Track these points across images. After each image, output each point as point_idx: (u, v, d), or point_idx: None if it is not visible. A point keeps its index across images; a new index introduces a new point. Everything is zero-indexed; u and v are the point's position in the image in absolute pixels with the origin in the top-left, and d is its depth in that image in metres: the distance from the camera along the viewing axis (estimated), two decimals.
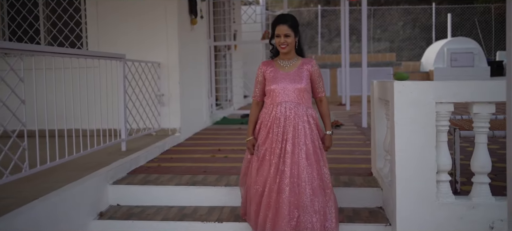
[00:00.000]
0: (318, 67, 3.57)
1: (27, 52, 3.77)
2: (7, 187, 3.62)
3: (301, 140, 3.40)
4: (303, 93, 3.46)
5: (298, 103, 3.44)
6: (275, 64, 3.54)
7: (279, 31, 3.41)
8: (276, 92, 3.46)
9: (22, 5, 7.12)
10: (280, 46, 3.42)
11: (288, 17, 3.46)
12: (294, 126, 3.41)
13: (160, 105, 6.81)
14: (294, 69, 3.48)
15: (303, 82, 3.45)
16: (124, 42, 6.62)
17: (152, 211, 4.23)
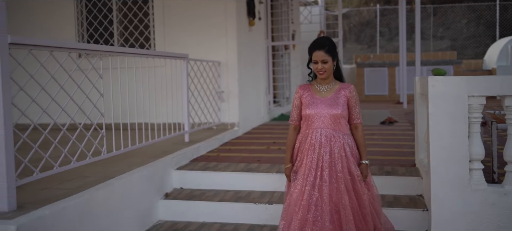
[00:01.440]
0: (356, 93, 3.40)
1: (105, 53, 4.40)
2: (89, 167, 4.25)
3: (338, 167, 3.26)
4: (339, 119, 3.30)
5: (334, 130, 3.29)
6: (312, 88, 3.39)
7: (317, 57, 3.26)
8: (312, 118, 3.32)
9: (98, 11, 7.90)
10: (318, 72, 3.28)
11: (325, 42, 3.29)
12: (330, 153, 3.26)
13: (220, 101, 7.36)
14: (331, 94, 3.33)
15: (340, 108, 3.29)
16: (188, 43, 7.22)
17: (210, 194, 4.75)
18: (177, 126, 6.00)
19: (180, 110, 6.15)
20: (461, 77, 3.74)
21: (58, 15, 7.87)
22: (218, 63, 7.29)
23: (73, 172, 4.13)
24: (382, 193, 4.54)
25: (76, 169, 4.03)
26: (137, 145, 4.89)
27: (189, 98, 6.16)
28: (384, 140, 6.65)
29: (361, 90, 14.56)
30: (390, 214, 4.19)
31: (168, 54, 5.88)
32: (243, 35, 7.70)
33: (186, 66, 6.07)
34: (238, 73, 7.36)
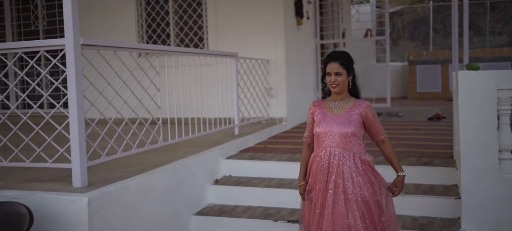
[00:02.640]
0: (372, 110, 3.20)
1: (161, 52, 4.91)
2: (147, 154, 4.77)
3: (349, 189, 3.10)
4: (350, 138, 3.13)
5: (344, 149, 3.13)
6: (325, 104, 3.26)
7: (330, 69, 3.14)
8: (321, 137, 3.18)
9: (156, 13, 8.50)
10: (331, 85, 3.15)
11: (341, 54, 3.18)
12: (337, 173, 3.12)
13: (269, 97, 7.76)
14: (343, 112, 3.17)
15: (351, 126, 3.12)
16: (238, 42, 7.66)
17: (256, 181, 5.16)
18: (228, 120, 6.45)
19: (230, 105, 6.61)
20: (490, 71, 3.95)
21: (121, 18, 8.52)
22: (266, 61, 7.69)
23: (134, 158, 4.65)
24: (418, 182, 4.82)
25: (136, 155, 4.54)
26: (190, 136, 5.37)
27: (238, 94, 6.60)
28: (427, 135, 6.82)
29: (413, 87, 14.52)
30: (424, 202, 4.45)
31: (219, 53, 6.34)
32: (291, 34, 8.06)
33: (235, 64, 6.50)
34: (286, 71, 7.73)
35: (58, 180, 3.85)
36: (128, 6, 8.50)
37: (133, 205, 3.85)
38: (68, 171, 3.73)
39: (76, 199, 3.40)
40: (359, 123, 3.16)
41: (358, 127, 3.16)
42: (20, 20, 9.57)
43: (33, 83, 3.87)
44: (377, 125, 3.22)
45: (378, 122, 3.23)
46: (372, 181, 3.16)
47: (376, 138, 3.25)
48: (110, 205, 3.60)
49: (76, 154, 3.59)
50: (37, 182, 3.83)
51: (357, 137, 3.16)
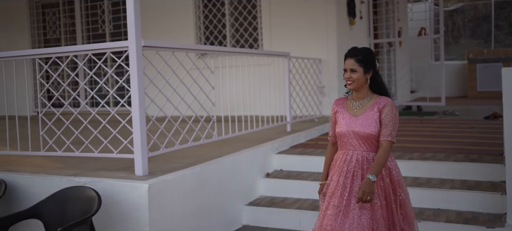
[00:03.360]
0: (392, 109, 3.02)
1: (216, 52, 5.24)
2: (202, 148, 5.11)
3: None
4: (371, 140, 3.01)
5: (366, 151, 3.03)
6: (346, 104, 3.17)
7: (346, 65, 3.07)
8: (342, 138, 3.10)
9: (213, 16, 8.89)
10: (347, 81, 3.08)
11: (358, 51, 3.07)
12: (362, 177, 3.00)
13: (321, 95, 7.95)
14: (364, 112, 3.04)
15: (372, 127, 2.99)
16: (291, 42, 7.90)
17: (305, 175, 5.39)
18: (280, 118, 6.72)
19: (283, 103, 6.87)
20: None
21: (181, 21, 8.99)
22: (319, 60, 7.89)
23: (190, 151, 5.00)
24: (465, 178, 4.88)
25: (192, 148, 4.90)
26: (243, 132, 5.68)
27: (291, 92, 6.84)
28: (481, 133, 6.79)
29: (473, 86, 14.18)
30: (469, 197, 4.52)
31: (271, 53, 6.62)
32: (343, 33, 8.21)
33: (287, 64, 6.75)
34: (338, 70, 7.89)
35: (122, 169, 4.26)
36: (187, 9, 8.95)
37: (189, 193, 4.20)
38: (131, 161, 4.12)
39: (138, 186, 3.77)
40: (380, 121, 3.01)
41: (379, 127, 3.01)
42: (88, 24, 10.27)
43: (100, 82, 4.30)
44: (388, 126, 2.99)
45: (392, 123, 3.00)
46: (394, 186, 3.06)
47: (381, 137, 3.01)
48: (167, 192, 3.95)
49: (138, 145, 3.97)
50: (104, 171, 4.26)
51: None
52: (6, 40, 10.74)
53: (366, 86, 3.08)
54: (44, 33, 10.78)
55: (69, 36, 10.49)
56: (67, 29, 10.52)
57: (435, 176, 5.08)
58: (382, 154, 2.97)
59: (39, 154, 4.52)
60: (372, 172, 2.92)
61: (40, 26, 10.77)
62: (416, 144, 6.05)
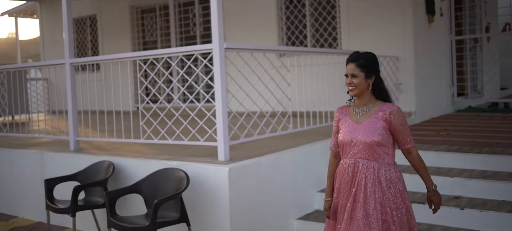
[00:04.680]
0: (399, 114, 2.92)
1: (291, 52, 5.75)
2: (279, 139, 5.65)
3: (371, 206, 2.85)
4: (375, 148, 2.88)
5: (369, 160, 2.89)
6: (349, 111, 3.06)
7: (347, 70, 2.97)
8: (344, 146, 2.99)
9: (295, 17, 9.41)
10: (348, 87, 2.97)
11: (359, 55, 2.97)
12: (358, 187, 2.89)
13: (398, 92, 8.18)
14: (367, 119, 2.94)
15: (376, 135, 2.87)
16: (369, 41, 8.20)
17: None
18: None
19: None
20: None
21: (264, 22, 9.60)
22: (396, 58, 8.12)
23: (267, 141, 5.55)
24: None
25: (269, 139, 5.45)
26: (317, 125, 6.14)
27: None
28: None
29: None
30: None
31: (345, 52, 6.99)
32: (421, 32, 8.37)
33: None
34: (414, 67, 8.08)
35: (207, 155, 4.91)
36: (270, 12, 9.53)
37: (264, 177, 4.75)
38: (215, 148, 4.74)
39: (220, 169, 4.39)
40: (385, 129, 2.90)
41: (384, 135, 2.89)
42: (181, 27, 11.21)
43: (189, 79, 4.98)
44: (404, 132, 2.92)
45: (406, 128, 2.94)
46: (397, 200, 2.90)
47: (402, 146, 2.96)
48: (246, 175, 4.53)
49: (221, 135, 4.59)
50: (192, 156, 4.93)
51: (384, 146, 2.91)
52: (112, 43, 12.02)
53: (368, 92, 2.97)
54: (143, 36, 11.90)
55: (164, 38, 11.50)
56: (163, 32, 11.55)
57: (505, 169, 5.23)
58: (419, 161, 2.98)
59: (139, 141, 5.30)
60: (429, 183, 2.99)
61: (139, 29, 11.91)
62: (491, 139, 6.16)
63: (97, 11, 12.44)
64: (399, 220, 2.88)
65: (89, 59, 5.83)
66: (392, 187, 2.90)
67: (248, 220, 4.54)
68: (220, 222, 4.38)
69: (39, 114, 11.20)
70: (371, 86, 2.96)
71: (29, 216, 6.06)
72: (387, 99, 3.01)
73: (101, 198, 4.88)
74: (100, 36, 12.40)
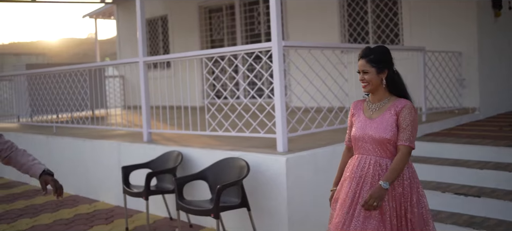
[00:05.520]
0: (410, 112, 2.84)
1: (348, 49, 5.96)
2: (337, 132, 5.89)
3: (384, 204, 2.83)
4: (386, 145, 2.85)
5: (381, 157, 2.86)
6: (363, 106, 3.03)
7: (358, 66, 2.94)
8: (357, 141, 2.96)
9: (356, 14, 9.54)
10: (362, 83, 2.95)
11: (370, 51, 2.92)
12: (371, 184, 2.85)
13: (461, 88, 8.13)
14: (380, 115, 2.89)
15: (388, 132, 2.82)
16: (432, 36, 8.21)
17: (432, 160, 5.84)
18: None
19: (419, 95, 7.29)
20: None
21: (326, 20, 9.81)
22: (459, 53, 8.08)
23: (324, 135, 5.81)
24: None
25: (327, 132, 5.72)
26: None
27: (426, 84, 7.24)
28: None
29: None
30: None
31: (404, 48, 7.10)
32: (487, 26, 8.25)
33: (423, 57, 7.16)
34: (478, 63, 8.00)
35: (267, 146, 5.25)
36: (333, 9, 9.73)
37: (320, 167, 5.03)
38: (274, 140, 5.07)
39: (278, 159, 4.72)
40: (396, 125, 2.85)
41: (396, 132, 2.84)
42: (247, 26, 11.64)
43: (250, 76, 5.34)
44: (406, 129, 2.82)
45: (411, 127, 2.83)
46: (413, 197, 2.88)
47: (398, 141, 2.84)
48: (302, 165, 4.83)
49: (280, 127, 4.92)
50: (253, 147, 5.29)
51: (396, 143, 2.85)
52: (182, 41, 12.68)
53: (382, 87, 2.92)
54: (210, 34, 12.46)
55: (230, 36, 11.98)
56: (229, 31, 12.03)
57: None
58: (399, 160, 2.79)
59: (205, 133, 5.73)
60: (385, 178, 2.77)
61: (207, 28, 12.48)
62: None
63: (168, 11, 13.15)
64: (412, 217, 2.85)
65: (161, 58, 6.35)
66: (403, 183, 2.86)
67: (304, 207, 4.83)
68: (278, 208, 4.71)
69: (115, 109, 12.05)
70: (385, 82, 2.91)
71: (108, 200, 6.70)
72: (404, 95, 2.94)
73: (170, 184, 5.35)
74: (170, 35, 13.10)
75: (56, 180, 2.90)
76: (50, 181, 2.88)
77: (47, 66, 11.00)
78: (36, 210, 6.52)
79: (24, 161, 2.92)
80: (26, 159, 2.93)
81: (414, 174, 2.95)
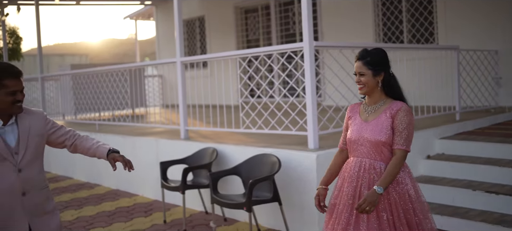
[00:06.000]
0: (406, 114, 2.83)
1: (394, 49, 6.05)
2: None
3: (380, 205, 2.81)
4: (381, 148, 2.84)
5: (376, 160, 2.85)
6: (360, 109, 3.03)
7: (355, 68, 2.94)
8: (352, 144, 2.95)
9: (391, 13, 9.57)
10: (358, 86, 2.95)
11: (367, 53, 2.92)
12: (369, 186, 2.83)
13: (497, 86, 8.06)
14: (375, 117, 2.89)
15: (383, 134, 2.82)
16: (466, 35, 8.18)
17: (464, 158, 5.86)
18: (449, 107, 7.17)
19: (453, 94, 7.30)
20: None
21: (360, 19, 9.88)
22: (495, 51, 8.01)
23: None
24: None
25: None
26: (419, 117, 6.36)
27: (460, 83, 7.23)
28: None
29: None
30: None
31: (439, 47, 7.12)
32: None
33: (457, 56, 7.16)
34: None
35: (299, 144, 5.41)
36: (367, 9, 9.79)
37: None
38: (305, 137, 5.23)
39: (309, 155, 4.88)
40: (391, 128, 2.84)
41: (391, 134, 2.84)
42: (282, 26, 11.81)
43: (283, 75, 5.51)
44: (402, 133, 2.82)
45: (407, 130, 2.83)
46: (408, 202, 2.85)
47: (394, 145, 2.84)
48: None
49: (311, 125, 5.07)
50: (285, 144, 5.47)
51: (391, 146, 2.86)
52: (218, 41, 12.96)
53: (378, 90, 2.91)
54: (246, 34, 12.69)
55: (266, 36, 12.18)
56: (264, 31, 12.23)
57: None
58: (394, 164, 2.80)
59: (239, 131, 5.95)
60: (380, 183, 2.76)
61: (243, 28, 12.72)
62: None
63: (205, 12, 13.47)
64: (408, 221, 2.82)
65: (197, 58, 6.61)
66: (398, 187, 2.84)
67: None
68: (308, 203, 4.87)
69: (154, 108, 12.44)
70: (381, 84, 2.90)
71: (147, 195, 7.01)
72: (399, 97, 2.94)
73: (206, 179, 5.59)
74: (207, 36, 13.41)
75: (123, 156, 3.02)
76: (118, 158, 2.99)
77: (90, 67, 11.48)
78: (80, 202, 6.90)
79: (89, 145, 3.04)
80: (91, 143, 3.05)
81: (410, 176, 2.93)
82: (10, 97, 2.68)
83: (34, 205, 2.81)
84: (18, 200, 2.74)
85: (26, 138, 2.78)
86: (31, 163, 2.80)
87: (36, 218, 2.81)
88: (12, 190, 2.71)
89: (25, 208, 2.76)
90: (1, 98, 2.67)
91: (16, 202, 2.73)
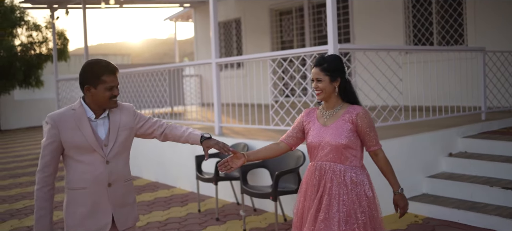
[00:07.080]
0: (366, 116, 2.96)
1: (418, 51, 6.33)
2: (392, 129, 6.28)
3: (334, 209, 2.89)
4: (342, 150, 2.92)
5: (336, 163, 2.93)
6: (317, 114, 3.10)
7: (312, 74, 3.00)
8: (312, 149, 3.02)
9: (421, 15, 9.76)
10: (315, 91, 3.02)
11: (324, 59, 2.99)
12: (328, 191, 2.92)
13: None
14: (334, 122, 2.97)
15: (342, 137, 2.90)
16: (496, 36, 8.32)
17: (486, 157, 6.07)
18: (474, 107, 7.36)
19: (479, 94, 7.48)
20: None
21: (391, 21, 10.11)
22: None
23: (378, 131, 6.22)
24: None
25: (379, 128, 6.13)
26: (430, 117, 6.63)
27: (486, 84, 7.41)
28: None
29: None
30: None
31: (465, 49, 7.32)
32: None
33: (483, 57, 7.34)
34: None
35: None
36: (397, 11, 10.01)
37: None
38: None
39: None
40: (352, 132, 2.95)
41: (351, 137, 2.94)
42: (315, 27, 12.14)
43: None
44: (370, 134, 2.97)
45: (373, 130, 2.99)
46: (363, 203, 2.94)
47: (368, 148, 3.01)
48: None
49: None
50: None
51: (351, 148, 2.96)
52: (254, 42, 13.40)
53: (335, 95, 3.01)
54: (280, 36, 13.08)
55: (300, 38, 12.54)
56: (298, 32, 12.59)
57: None
58: (384, 162, 3.03)
59: (268, 128, 6.35)
60: (393, 186, 3.02)
61: (278, 30, 13.11)
62: None
63: (241, 14, 13.93)
64: (363, 222, 2.91)
65: (230, 59, 7.05)
66: (356, 188, 2.95)
67: None
68: None
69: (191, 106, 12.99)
70: (338, 89, 3.00)
71: (184, 187, 7.51)
72: (354, 101, 3.05)
73: (237, 172, 6.02)
74: (243, 37, 13.87)
75: (217, 142, 2.96)
76: (212, 145, 2.95)
77: (132, 66, 12.12)
78: None
79: (180, 133, 3.05)
80: (181, 131, 3.05)
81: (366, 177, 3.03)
82: (108, 92, 2.78)
83: (118, 196, 2.89)
84: (105, 190, 2.83)
85: (116, 131, 2.86)
86: (119, 155, 2.88)
87: (119, 208, 2.90)
88: (99, 180, 2.81)
89: (110, 199, 2.85)
90: (100, 93, 2.77)
91: (102, 193, 2.82)
